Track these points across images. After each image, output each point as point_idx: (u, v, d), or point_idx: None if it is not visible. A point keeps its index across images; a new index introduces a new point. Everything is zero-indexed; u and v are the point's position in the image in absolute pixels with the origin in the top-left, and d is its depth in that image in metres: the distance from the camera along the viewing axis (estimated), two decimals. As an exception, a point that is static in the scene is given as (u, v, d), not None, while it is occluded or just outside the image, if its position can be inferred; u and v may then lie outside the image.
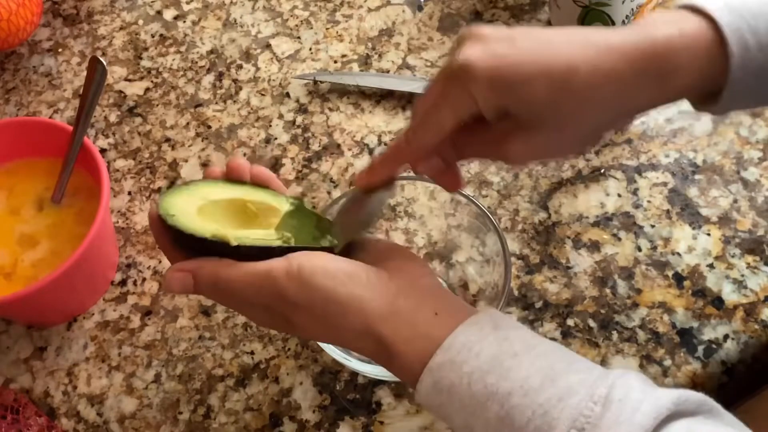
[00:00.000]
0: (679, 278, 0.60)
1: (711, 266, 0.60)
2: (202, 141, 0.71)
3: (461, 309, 0.42)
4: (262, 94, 0.73)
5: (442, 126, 0.41)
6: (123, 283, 0.64)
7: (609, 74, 0.38)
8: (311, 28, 0.77)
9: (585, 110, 0.39)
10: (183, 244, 0.44)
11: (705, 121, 0.67)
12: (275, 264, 0.42)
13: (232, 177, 0.47)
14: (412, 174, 0.56)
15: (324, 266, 0.41)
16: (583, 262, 0.61)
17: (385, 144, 0.69)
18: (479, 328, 0.39)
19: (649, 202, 0.63)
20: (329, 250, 0.45)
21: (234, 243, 0.42)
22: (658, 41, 0.38)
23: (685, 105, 0.44)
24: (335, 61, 0.75)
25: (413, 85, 0.70)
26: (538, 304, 0.59)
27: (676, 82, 0.38)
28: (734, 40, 0.37)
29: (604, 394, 0.35)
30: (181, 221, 0.43)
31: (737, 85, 0.38)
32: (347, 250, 0.45)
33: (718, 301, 0.58)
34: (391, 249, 0.46)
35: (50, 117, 0.74)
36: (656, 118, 0.67)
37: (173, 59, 0.77)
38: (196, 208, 0.45)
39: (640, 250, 0.61)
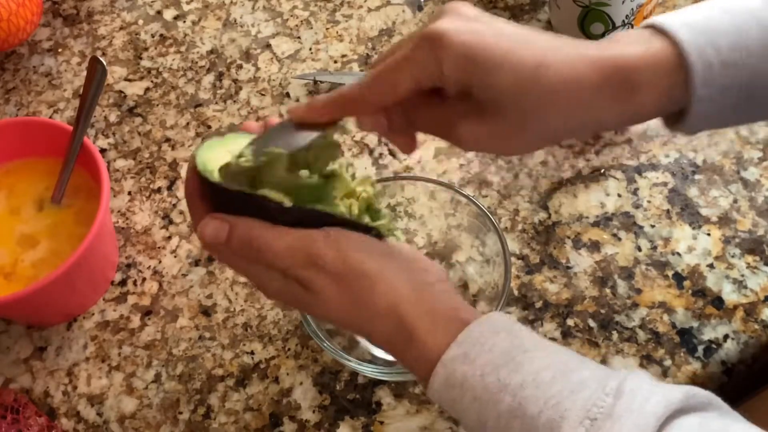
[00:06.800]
0: (679, 278, 0.60)
1: (711, 266, 0.60)
2: (202, 141, 0.71)
3: (477, 311, 0.43)
4: (262, 94, 0.73)
5: (398, 87, 0.40)
6: (123, 283, 0.64)
7: (575, 78, 0.38)
8: (311, 28, 0.77)
9: (545, 110, 0.39)
10: (222, 201, 0.43)
11: (705, 121, 0.67)
12: (313, 231, 0.42)
13: None
14: (410, 174, 0.56)
15: (362, 241, 0.43)
16: (583, 262, 0.61)
17: (386, 144, 0.69)
18: (492, 325, 0.40)
19: (649, 202, 0.63)
20: (367, 231, 0.45)
21: (288, 204, 0.41)
22: (623, 57, 0.38)
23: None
24: (335, 61, 0.75)
25: (413, 85, 0.70)
26: (538, 304, 0.59)
27: (640, 99, 0.39)
28: (696, 58, 0.38)
29: (616, 386, 0.36)
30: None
31: (703, 103, 0.39)
32: None
33: (718, 301, 0.58)
34: (417, 255, 0.47)
35: (50, 117, 0.74)
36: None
37: (173, 59, 0.77)
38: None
39: (640, 250, 0.61)
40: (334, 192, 0.45)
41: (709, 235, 0.61)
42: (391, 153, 0.68)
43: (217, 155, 0.44)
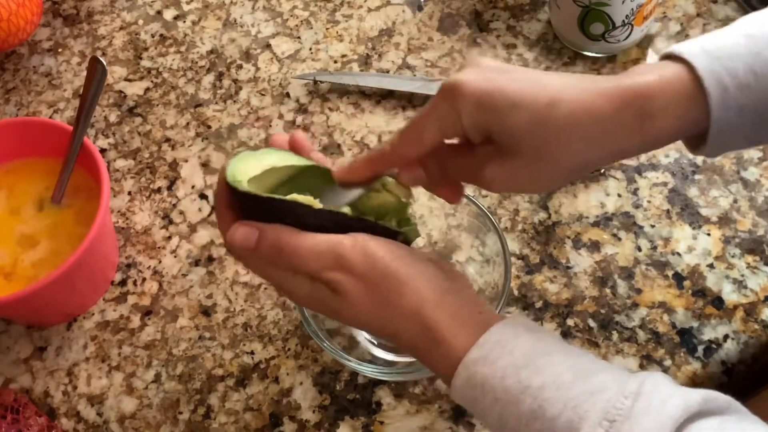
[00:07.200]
0: (679, 278, 0.60)
1: (711, 266, 0.60)
2: (202, 141, 0.71)
3: (498, 315, 0.44)
4: (262, 94, 0.73)
5: (424, 138, 0.43)
6: (123, 283, 0.64)
7: (589, 110, 0.39)
8: (311, 28, 0.77)
9: (563, 145, 0.40)
10: (251, 209, 0.45)
11: (705, 121, 0.67)
12: (340, 235, 0.43)
13: (294, 150, 0.49)
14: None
15: (388, 245, 0.44)
16: (583, 262, 0.61)
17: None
18: (513, 328, 0.41)
19: (649, 202, 0.63)
20: (394, 237, 0.46)
21: (318, 206, 0.43)
22: (638, 85, 0.39)
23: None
24: (335, 61, 0.75)
25: (413, 85, 0.70)
26: (538, 304, 0.59)
27: (656, 125, 0.39)
28: (711, 82, 0.38)
29: (635, 389, 0.36)
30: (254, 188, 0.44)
31: (722, 125, 0.39)
32: None
33: (718, 301, 0.58)
34: (441, 260, 0.48)
35: (50, 117, 0.74)
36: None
37: (173, 59, 0.77)
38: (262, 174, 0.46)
39: (640, 250, 0.61)
40: (365, 201, 0.47)
41: (709, 235, 0.61)
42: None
43: (247, 167, 0.46)
